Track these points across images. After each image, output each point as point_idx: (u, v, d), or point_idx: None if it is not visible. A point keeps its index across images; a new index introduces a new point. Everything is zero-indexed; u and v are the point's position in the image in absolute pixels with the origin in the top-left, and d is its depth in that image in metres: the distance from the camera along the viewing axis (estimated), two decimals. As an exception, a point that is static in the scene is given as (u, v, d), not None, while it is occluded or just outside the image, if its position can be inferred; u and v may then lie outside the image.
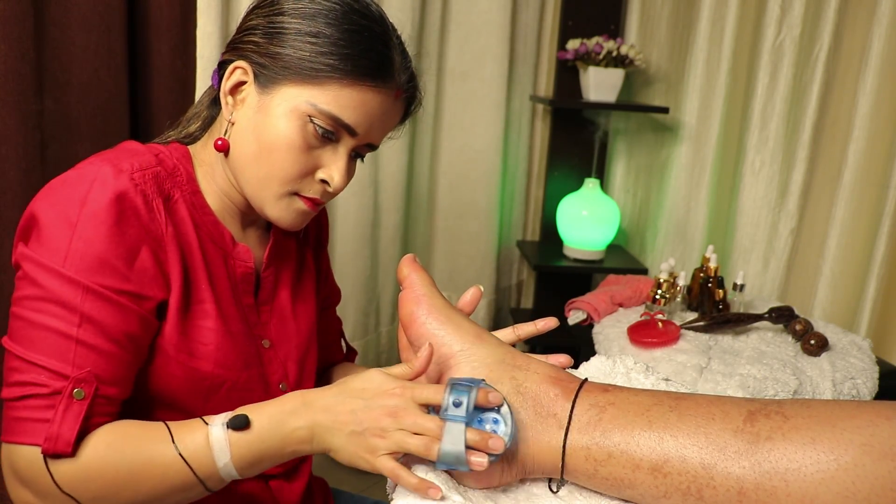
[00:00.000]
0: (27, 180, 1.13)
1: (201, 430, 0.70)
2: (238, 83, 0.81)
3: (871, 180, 2.06)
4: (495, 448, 0.60)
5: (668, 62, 2.29)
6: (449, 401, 0.62)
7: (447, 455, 0.60)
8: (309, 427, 0.67)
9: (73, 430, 0.69)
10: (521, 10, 2.27)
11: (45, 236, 0.72)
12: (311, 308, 0.97)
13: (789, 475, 0.54)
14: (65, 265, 0.71)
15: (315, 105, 0.77)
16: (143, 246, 0.75)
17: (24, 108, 1.12)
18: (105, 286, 0.72)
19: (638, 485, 0.60)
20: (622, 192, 2.42)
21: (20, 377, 0.70)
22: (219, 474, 0.70)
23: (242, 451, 0.69)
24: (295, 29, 0.77)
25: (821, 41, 2.08)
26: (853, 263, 2.12)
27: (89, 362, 0.71)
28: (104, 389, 0.72)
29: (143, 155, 0.79)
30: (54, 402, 0.69)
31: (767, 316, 1.60)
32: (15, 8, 1.08)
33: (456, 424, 0.61)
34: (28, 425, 0.69)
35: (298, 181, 0.81)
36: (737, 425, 0.58)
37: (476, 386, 0.62)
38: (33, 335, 0.70)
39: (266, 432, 0.68)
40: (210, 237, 0.84)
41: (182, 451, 0.69)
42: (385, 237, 2.20)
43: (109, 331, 0.72)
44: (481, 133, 2.28)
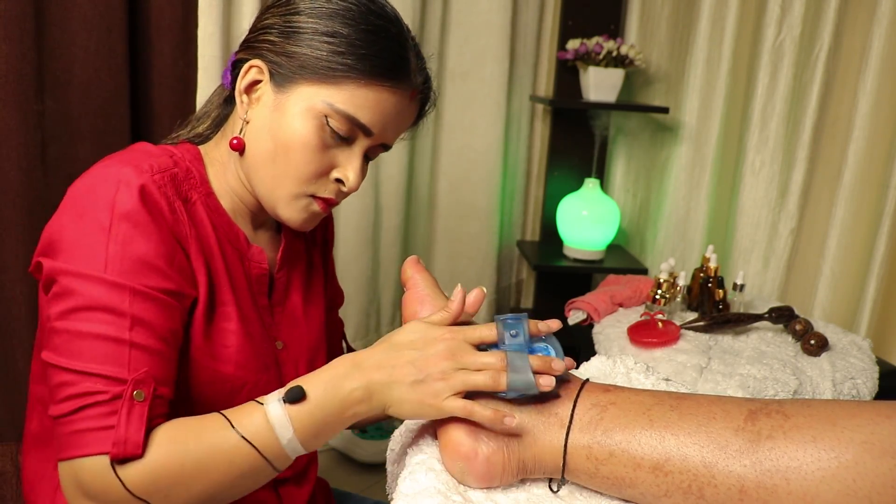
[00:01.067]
0: (28, 180, 1.13)
1: (258, 410, 0.68)
2: (253, 82, 0.81)
3: (871, 180, 2.07)
4: (558, 369, 0.63)
5: (668, 62, 2.30)
6: (505, 333, 0.65)
7: (517, 382, 0.62)
8: (365, 386, 0.65)
9: (141, 431, 0.67)
10: (522, 10, 2.28)
11: (79, 245, 0.70)
12: (320, 309, 0.97)
13: (790, 473, 0.54)
14: (106, 270, 0.69)
15: (332, 104, 0.77)
16: (176, 245, 0.75)
17: (24, 107, 1.12)
18: (150, 286, 0.71)
19: (639, 484, 0.60)
20: (622, 192, 2.42)
21: (73, 390, 0.67)
22: (284, 451, 0.68)
23: (304, 423, 0.67)
24: (312, 28, 0.77)
25: (821, 41, 2.08)
26: (853, 263, 2.12)
27: (145, 363, 0.69)
28: (161, 389, 0.70)
29: (159, 157, 0.79)
30: (116, 406, 0.67)
31: (767, 316, 1.60)
32: (16, 8, 1.08)
33: (519, 352, 0.63)
34: (90, 436, 0.66)
35: (314, 181, 0.81)
36: (738, 424, 0.58)
37: (524, 318, 0.66)
38: (83, 346, 0.68)
39: (323, 399, 0.66)
40: (227, 238, 0.84)
41: (244, 434, 0.67)
42: (386, 238, 2.20)
43: (159, 330, 0.71)
44: (482, 133, 2.28)
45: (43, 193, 1.16)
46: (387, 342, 0.67)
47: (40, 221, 1.18)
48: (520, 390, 0.62)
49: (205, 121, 0.89)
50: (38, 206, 1.16)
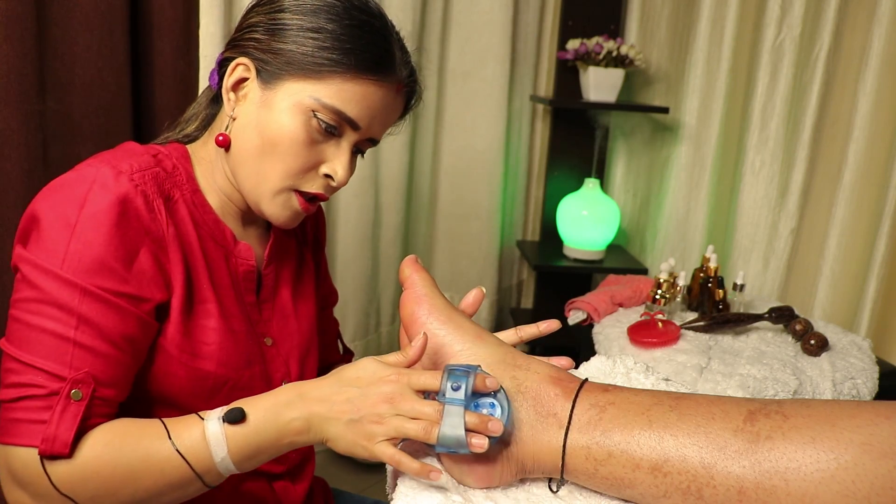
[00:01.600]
0: (29, 181, 1.13)
1: (197, 425, 0.70)
2: (240, 80, 0.82)
3: (871, 180, 2.07)
4: (494, 430, 0.61)
5: (668, 62, 2.30)
6: (447, 385, 0.63)
7: (447, 438, 0.60)
8: (305, 418, 0.67)
9: (71, 431, 0.68)
10: (522, 9, 2.28)
11: (44, 238, 0.72)
12: (311, 306, 0.98)
13: (789, 474, 0.54)
14: (62, 267, 0.71)
15: (318, 99, 0.78)
16: (143, 247, 0.75)
17: (26, 108, 1.12)
18: (103, 288, 0.72)
19: (638, 484, 0.60)
20: (622, 192, 2.42)
21: (17, 378, 0.70)
22: (216, 469, 0.69)
23: (239, 445, 0.68)
24: (297, 25, 0.78)
25: (821, 41, 2.08)
26: (853, 263, 2.12)
27: (87, 364, 0.70)
28: (101, 391, 0.71)
29: (141, 156, 0.79)
30: (51, 402, 0.69)
31: (767, 316, 1.60)
32: (17, 7, 1.08)
33: (455, 407, 0.61)
34: (24, 427, 0.69)
35: (300, 176, 0.82)
36: (737, 425, 0.58)
37: (473, 371, 0.63)
38: (30, 337, 0.70)
39: (262, 425, 0.68)
40: (211, 236, 0.84)
41: (179, 447, 0.69)
42: (386, 237, 2.20)
43: (107, 333, 0.72)
44: (483, 133, 2.28)
45: (44, 193, 1.16)
46: (336, 375, 0.68)
47: (41, 221, 1.18)
48: (450, 447, 0.61)
49: (193, 121, 0.90)
50: (38, 206, 1.15)
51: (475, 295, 0.77)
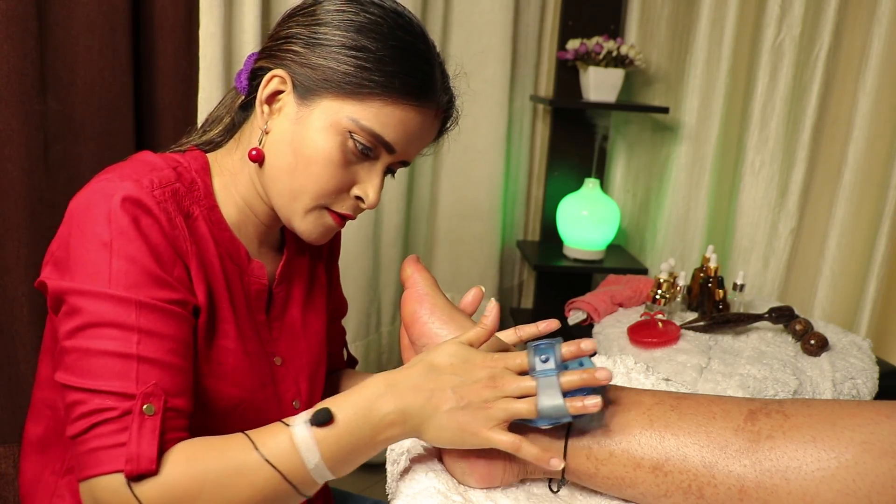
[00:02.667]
0: (30, 181, 1.14)
1: (283, 432, 0.64)
2: (275, 92, 0.79)
3: (871, 180, 2.07)
4: (604, 377, 0.60)
5: (668, 62, 2.30)
6: (535, 359, 0.62)
7: (547, 409, 0.59)
8: (401, 410, 0.62)
9: (153, 446, 0.65)
10: (522, 10, 2.27)
11: (83, 263, 0.70)
12: (320, 323, 0.96)
13: (790, 473, 0.54)
14: (110, 285, 0.68)
15: (357, 121, 0.76)
16: (176, 257, 0.74)
17: (27, 108, 1.12)
18: (156, 297, 0.70)
19: (639, 484, 0.60)
20: (622, 192, 2.42)
21: (85, 408, 0.66)
22: (310, 476, 0.64)
23: (332, 448, 0.63)
24: (338, 41, 0.76)
25: (821, 41, 2.08)
26: (853, 263, 2.12)
27: (153, 376, 0.68)
28: (172, 401, 0.69)
29: (161, 170, 0.77)
30: (126, 422, 0.65)
31: (767, 316, 1.60)
32: (18, 8, 1.08)
33: (548, 378, 0.61)
34: (104, 454, 0.65)
35: (333, 196, 0.80)
36: (737, 424, 0.58)
37: (557, 342, 0.63)
38: (92, 363, 0.67)
39: (353, 422, 0.63)
40: (227, 253, 0.82)
41: (268, 457, 0.64)
42: (386, 238, 2.20)
43: (168, 341, 0.70)
44: (484, 133, 2.28)
45: (45, 194, 1.16)
46: (424, 363, 0.64)
47: (43, 222, 1.18)
48: (551, 417, 0.60)
49: (216, 126, 0.88)
50: (40, 206, 1.16)
51: (474, 294, 0.77)
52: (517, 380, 0.62)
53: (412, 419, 0.62)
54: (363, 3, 0.78)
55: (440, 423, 0.62)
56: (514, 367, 0.63)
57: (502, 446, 0.60)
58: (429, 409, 0.62)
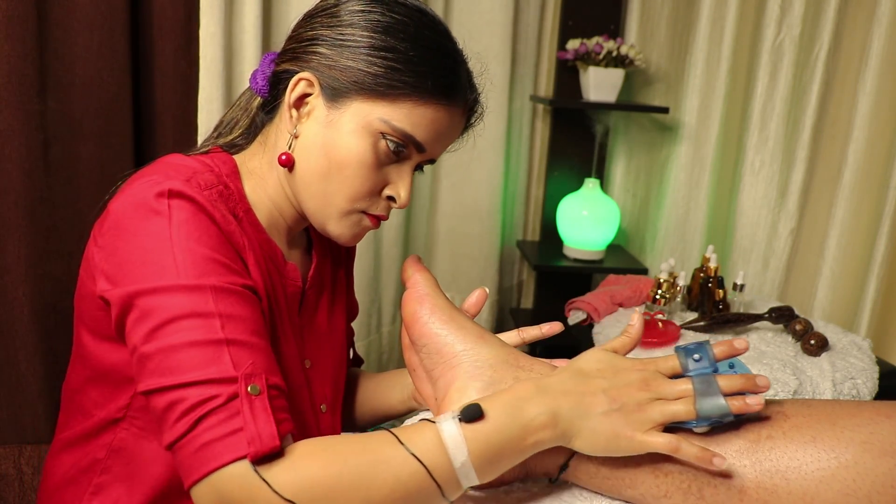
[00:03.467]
0: (30, 180, 1.14)
1: (429, 429, 0.60)
2: (303, 95, 0.79)
3: (871, 180, 2.07)
4: (763, 384, 0.58)
5: (668, 62, 2.30)
6: (688, 360, 0.61)
7: (709, 408, 0.57)
8: (551, 413, 0.59)
9: (270, 422, 0.61)
10: (522, 10, 2.27)
11: (144, 262, 0.67)
12: (342, 326, 0.96)
13: (790, 473, 0.54)
14: (180, 277, 0.66)
15: (388, 122, 0.76)
16: (234, 250, 0.73)
17: (26, 108, 1.12)
18: (228, 281, 0.68)
19: (639, 484, 0.60)
20: (622, 192, 2.42)
21: (184, 405, 0.62)
22: (456, 476, 0.59)
23: (481, 447, 0.58)
24: (368, 43, 0.75)
25: (821, 41, 2.08)
26: (853, 263, 2.12)
27: (247, 356, 0.65)
28: (272, 379, 0.66)
29: (203, 172, 0.76)
30: (236, 407, 0.61)
31: (767, 316, 1.60)
32: (18, 8, 1.08)
33: (706, 376, 0.59)
34: (220, 445, 0.60)
35: (366, 199, 0.80)
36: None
37: (706, 343, 0.62)
38: (181, 358, 0.63)
39: (503, 422, 0.59)
40: (267, 255, 0.82)
41: (414, 451, 0.59)
42: (387, 238, 2.20)
43: (251, 323, 0.68)
44: (483, 133, 2.26)
45: (45, 194, 1.16)
46: (571, 369, 0.62)
47: (42, 222, 1.18)
48: (713, 417, 0.57)
49: (236, 128, 0.87)
50: (39, 206, 1.16)
51: (478, 295, 0.77)
52: (671, 382, 0.60)
53: (563, 422, 0.59)
54: (388, 3, 0.77)
55: (594, 427, 0.59)
56: (665, 370, 0.62)
57: (661, 448, 0.58)
58: (580, 411, 0.59)
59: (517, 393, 0.60)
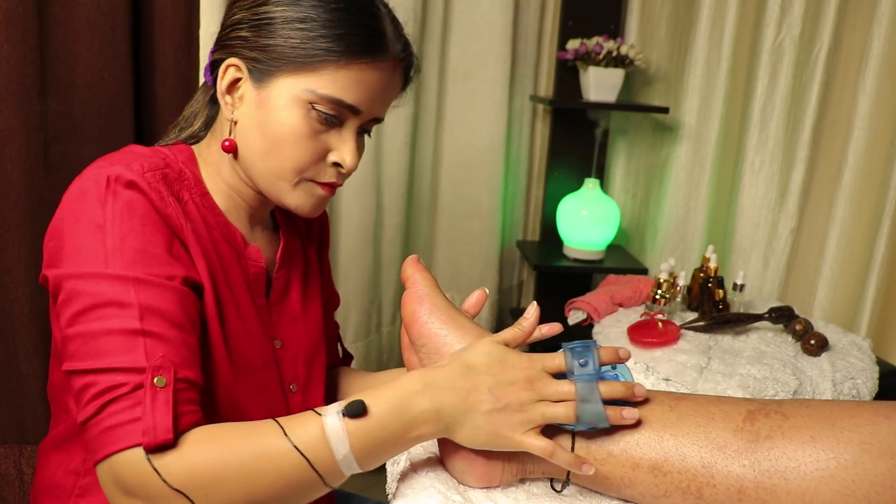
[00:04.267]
0: (30, 181, 1.14)
1: (314, 420, 0.63)
2: (233, 80, 0.81)
3: (871, 180, 2.07)
4: (640, 394, 0.60)
5: (668, 62, 2.30)
6: (574, 362, 0.62)
7: (588, 414, 0.59)
8: (435, 409, 0.61)
9: (168, 416, 0.64)
10: (522, 10, 2.28)
11: (78, 246, 0.70)
12: (318, 308, 0.97)
13: (789, 473, 0.54)
14: (107, 265, 0.69)
15: (314, 91, 0.77)
16: (173, 237, 0.75)
17: (27, 108, 1.12)
18: (153, 273, 0.70)
19: (638, 484, 0.60)
20: (622, 192, 2.42)
21: (95, 389, 0.66)
22: (338, 467, 0.63)
23: (363, 440, 0.62)
24: (281, 17, 0.77)
25: (821, 41, 2.08)
26: (853, 263, 2.12)
27: (161, 349, 0.67)
28: (182, 373, 0.68)
29: (150, 157, 0.79)
30: (139, 397, 0.65)
31: (767, 316, 1.60)
32: (18, 8, 1.08)
33: (590, 383, 0.60)
34: (120, 430, 0.64)
35: (311, 167, 0.81)
36: (736, 424, 0.58)
37: (594, 345, 0.63)
38: (98, 344, 0.67)
39: (387, 417, 0.61)
40: (223, 237, 0.84)
41: (297, 443, 0.62)
42: (387, 238, 2.20)
43: (170, 316, 0.70)
44: (484, 133, 2.28)
45: (45, 194, 1.16)
46: (459, 362, 0.63)
47: (43, 222, 1.17)
48: (591, 423, 0.59)
49: (195, 121, 0.90)
50: (40, 207, 1.16)
51: (478, 296, 0.77)
52: (555, 383, 0.62)
53: (446, 417, 0.61)
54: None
55: (475, 424, 0.61)
56: (551, 369, 0.63)
57: (536, 451, 0.60)
58: (464, 408, 0.61)
59: (403, 387, 0.63)
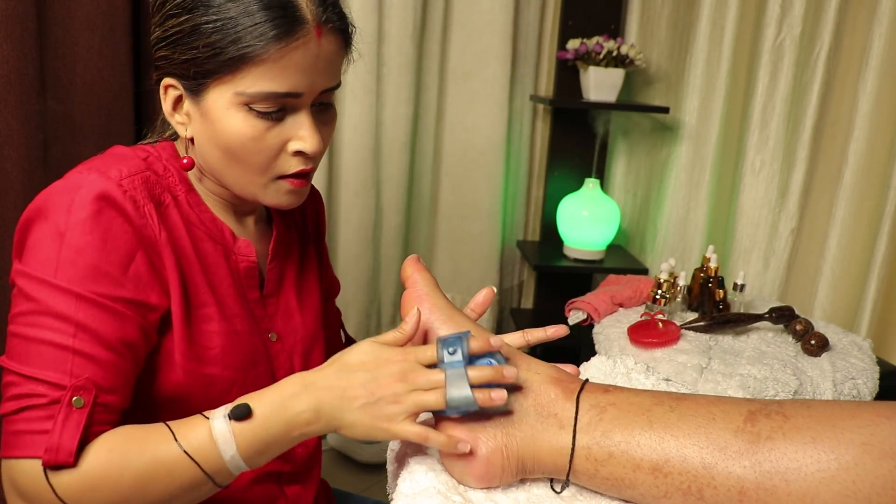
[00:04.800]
0: (29, 181, 1.14)
1: (203, 424, 0.68)
2: (175, 98, 0.79)
3: (871, 180, 2.07)
4: (510, 376, 0.63)
5: (668, 62, 2.30)
6: (443, 352, 0.64)
7: (455, 399, 0.62)
8: (314, 409, 0.66)
9: (74, 439, 0.67)
10: (523, 9, 2.27)
11: (36, 248, 0.71)
12: (315, 299, 0.97)
13: (790, 474, 0.54)
14: (56, 276, 0.70)
15: (244, 92, 0.74)
16: (137, 252, 0.74)
17: (26, 108, 1.12)
18: (99, 293, 0.71)
19: (639, 485, 0.60)
20: (622, 192, 2.42)
21: (17, 391, 0.69)
22: (227, 468, 0.68)
23: (248, 441, 0.67)
24: (184, 29, 0.74)
25: (821, 41, 2.08)
26: (853, 263, 2.12)
27: (87, 370, 0.69)
28: (103, 397, 0.70)
29: (131, 160, 0.78)
30: (53, 412, 0.67)
31: (768, 316, 1.60)
32: (18, 7, 1.08)
33: (456, 369, 0.63)
34: (27, 438, 0.67)
35: (273, 164, 0.79)
36: (737, 425, 0.58)
37: (465, 335, 0.65)
38: (30, 349, 0.69)
39: (269, 418, 0.67)
40: (209, 235, 0.83)
41: (186, 448, 0.67)
42: (387, 238, 2.20)
43: (106, 338, 0.71)
44: (484, 133, 2.28)
45: (44, 194, 1.16)
46: (338, 362, 0.67)
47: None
48: (460, 407, 0.62)
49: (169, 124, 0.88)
50: (39, 206, 1.16)
51: (485, 294, 0.77)
52: (427, 373, 0.64)
53: (325, 416, 0.66)
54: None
55: (354, 419, 0.64)
56: (423, 360, 0.65)
57: (411, 437, 0.63)
58: (341, 405, 0.65)
59: (284, 390, 0.67)
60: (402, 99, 2.09)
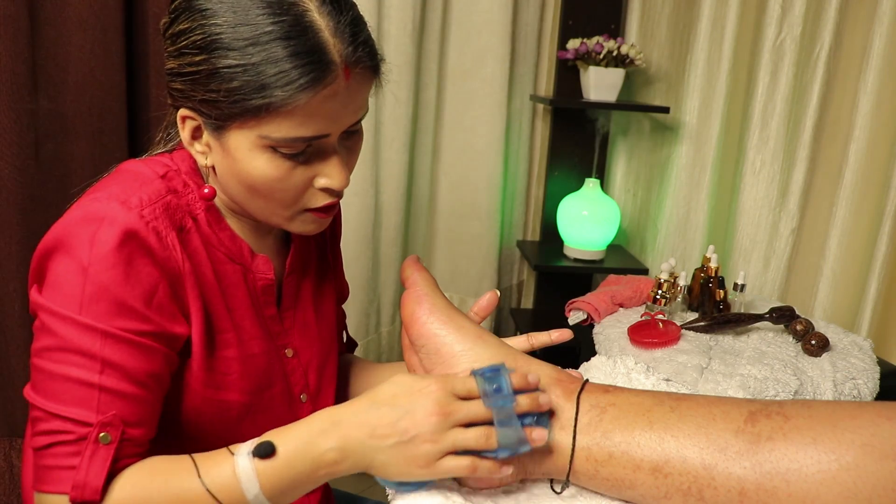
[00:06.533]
0: (22, 179, 1.13)
1: (227, 460, 0.66)
2: (194, 129, 0.77)
3: (872, 180, 2.06)
4: (546, 403, 0.60)
5: (669, 62, 2.29)
6: (488, 387, 0.61)
7: (509, 439, 0.59)
8: (340, 448, 0.62)
9: (101, 476, 0.66)
10: (522, 9, 2.27)
11: (59, 283, 0.69)
12: (331, 308, 0.96)
13: (790, 475, 0.54)
14: (81, 312, 0.68)
15: (268, 137, 0.71)
16: (161, 283, 0.73)
17: (18, 106, 1.12)
18: (125, 329, 0.70)
19: (639, 485, 0.59)
20: (622, 192, 2.42)
21: (45, 426, 0.68)
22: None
23: (272, 480, 0.64)
24: (204, 71, 0.70)
25: (821, 40, 2.08)
26: (854, 263, 2.12)
27: (114, 407, 0.69)
28: (130, 431, 0.69)
29: (150, 182, 0.75)
30: (80, 448, 0.67)
31: (768, 316, 1.59)
32: (10, 7, 1.08)
33: (505, 408, 0.59)
34: (55, 473, 0.67)
35: (301, 200, 0.78)
36: (738, 426, 0.58)
37: (504, 369, 0.62)
38: (55, 386, 0.68)
39: (294, 457, 0.64)
40: (228, 256, 0.81)
41: (209, 486, 0.66)
42: (386, 238, 2.19)
43: (133, 373, 0.70)
44: (483, 133, 2.27)
45: (37, 192, 1.16)
46: (369, 397, 0.63)
47: (34, 220, 1.17)
48: (511, 447, 0.59)
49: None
50: (31, 204, 1.16)
51: (489, 299, 0.76)
52: (465, 405, 0.61)
53: (354, 455, 0.62)
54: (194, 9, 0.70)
55: (385, 460, 0.60)
56: (461, 392, 0.62)
57: (457, 473, 0.59)
58: (371, 445, 0.60)
59: (311, 425, 0.64)
60: (400, 99, 2.09)
